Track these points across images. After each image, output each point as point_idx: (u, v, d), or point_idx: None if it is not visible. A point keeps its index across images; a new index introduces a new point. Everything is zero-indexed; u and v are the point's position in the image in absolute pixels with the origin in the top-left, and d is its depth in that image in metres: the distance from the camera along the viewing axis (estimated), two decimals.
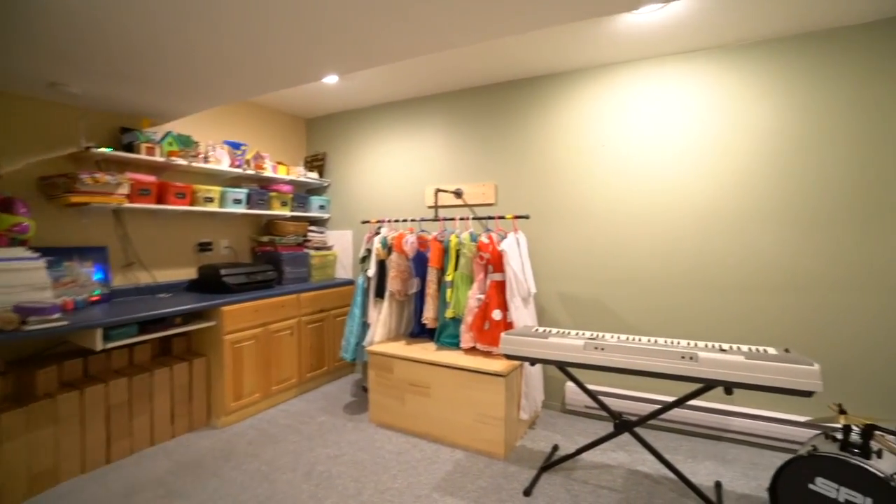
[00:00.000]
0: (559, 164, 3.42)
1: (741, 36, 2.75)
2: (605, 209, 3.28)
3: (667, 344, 2.19)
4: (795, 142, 2.76)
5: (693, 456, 2.78)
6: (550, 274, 3.48)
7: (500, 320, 2.99)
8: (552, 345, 2.24)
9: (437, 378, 2.97)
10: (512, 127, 3.59)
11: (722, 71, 2.92)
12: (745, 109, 2.87)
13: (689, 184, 3.03)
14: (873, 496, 1.74)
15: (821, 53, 2.69)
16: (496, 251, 3.03)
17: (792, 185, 2.78)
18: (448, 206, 3.86)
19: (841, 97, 2.66)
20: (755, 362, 1.88)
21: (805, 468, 1.90)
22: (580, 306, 3.39)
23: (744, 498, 2.36)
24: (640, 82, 3.14)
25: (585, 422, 3.28)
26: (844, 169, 2.66)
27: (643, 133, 3.14)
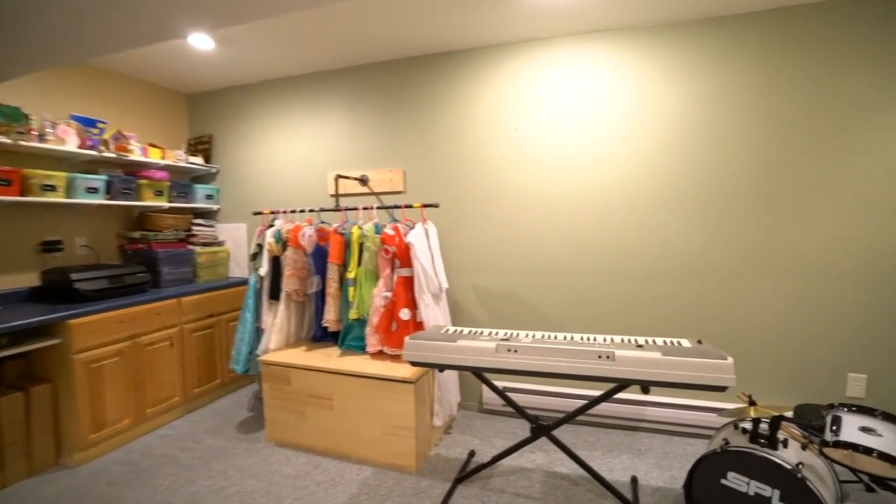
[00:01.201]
0: (472, 148, 3.18)
1: (648, 17, 2.66)
2: (520, 196, 3.10)
3: (584, 342, 2.04)
4: (701, 129, 2.74)
5: (610, 450, 2.71)
6: (464, 266, 3.25)
7: (409, 320, 2.71)
8: (462, 348, 1.99)
9: (341, 388, 2.63)
10: (421, 108, 3.28)
11: (632, 53, 2.82)
12: (654, 94, 2.80)
13: (602, 170, 2.93)
14: (780, 488, 1.70)
15: (724, 39, 2.67)
16: (403, 244, 2.74)
17: (698, 173, 2.77)
18: (353, 194, 3.49)
19: (744, 84, 2.66)
20: (671, 359, 1.77)
21: (717, 464, 1.84)
22: (496, 299, 3.20)
23: (658, 491, 2.31)
24: (554, 62, 2.97)
25: (504, 421, 3.12)
26: (748, 157, 2.68)
27: (558, 116, 2.98)
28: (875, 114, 2.48)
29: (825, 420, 1.86)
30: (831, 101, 2.54)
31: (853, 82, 2.50)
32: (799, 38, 2.56)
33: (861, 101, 2.50)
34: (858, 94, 2.50)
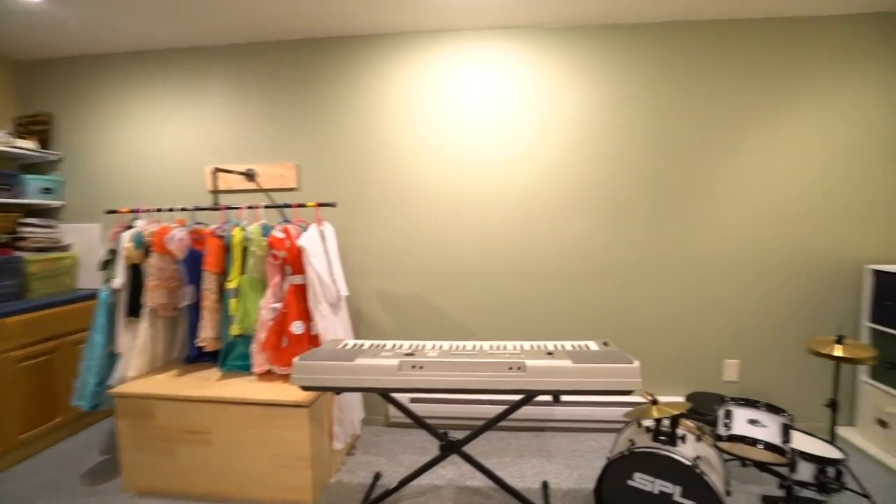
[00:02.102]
0: (374, 143, 2.93)
1: (554, 17, 2.63)
2: (426, 194, 2.93)
3: (493, 351, 1.92)
4: (602, 133, 2.80)
5: (521, 455, 2.66)
6: (366, 270, 3.00)
7: (303, 334, 2.40)
8: (360, 368, 1.75)
9: (222, 418, 2.24)
10: (318, 96, 2.95)
11: (539, 54, 2.79)
12: (559, 97, 2.80)
13: (511, 169, 2.86)
14: (682, 484, 1.73)
15: (622, 47, 2.74)
16: (294, 248, 2.41)
17: (600, 176, 2.82)
18: (237, 191, 3.05)
19: (640, 92, 2.76)
20: (582, 367, 1.71)
21: (624, 466, 1.83)
22: (402, 305, 3.00)
23: (568, 494, 2.28)
24: (464, 56, 2.83)
25: (412, 434, 2.93)
26: (643, 162, 2.79)
27: (466, 112, 2.86)
28: (748, 126, 2.71)
29: (718, 414, 1.94)
30: (712, 113, 2.73)
31: (730, 97, 2.71)
32: (686, 51, 2.71)
33: (736, 115, 2.71)
34: (735, 109, 2.71)
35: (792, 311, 2.80)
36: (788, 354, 2.82)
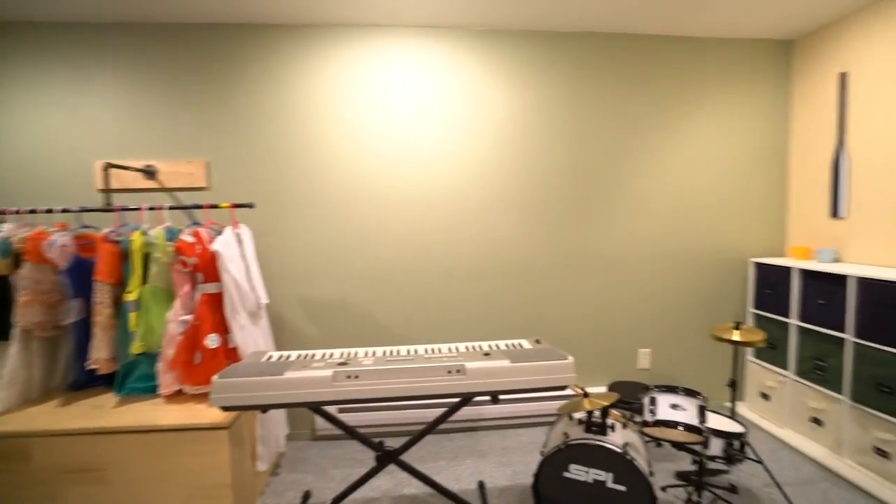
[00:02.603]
0: (296, 140, 2.75)
1: (482, 20, 2.66)
2: (352, 194, 2.80)
3: (429, 354, 1.87)
4: (526, 134, 2.88)
5: (455, 457, 2.64)
6: (288, 275, 2.80)
7: (219, 347, 2.17)
8: (291, 382, 1.62)
9: (120, 451, 1.95)
10: (233, 87, 2.70)
11: (468, 54, 2.80)
12: (487, 97, 2.84)
13: (438, 169, 2.84)
14: (614, 470, 1.82)
15: (547, 53, 2.84)
16: (207, 253, 2.18)
17: (525, 176, 2.90)
18: (134, 190, 2.69)
19: (561, 97, 2.88)
20: (520, 366, 1.73)
21: (559, 459, 1.89)
22: (328, 311, 2.85)
23: (504, 491, 2.31)
24: (393, 52, 2.75)
25: (342, 446, 2.80)
26: (564, 163, 2.92)
27: (393, 111, 2.78)
28: (653, 135, 2.95)
29: (643, 402, 2.08)
30: (623, 121, 2.93)
31: (638, 107, 2.93)
32: (601, 62, 2.88)
33: (643, 124, 2.94)
34: (642, 118, 2.93)
35: (693, 302, 3.10)
36: (691, 340, 3.12)
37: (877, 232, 2.53)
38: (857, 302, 2.33)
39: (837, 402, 2.45)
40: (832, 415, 2.49)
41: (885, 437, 2.21)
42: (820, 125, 2.85)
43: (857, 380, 2.33)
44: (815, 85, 2.87)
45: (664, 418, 1.98)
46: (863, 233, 2.61)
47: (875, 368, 2.24)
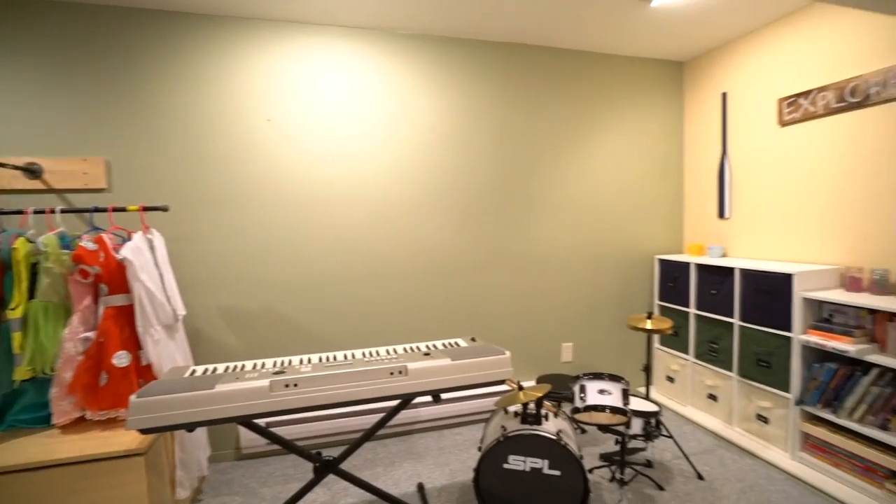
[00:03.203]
0: (213, 138, 2.56)
1: (408, 24, 2.68)
2: (275, 198, 2.67)
3: (368, 358, 1.85)
4: (451, 138, 2.95)
5: (391, 462, 2.61)
6: (204, 284, 2.60)
7: (129, 366, 1.96)
8: (224, 395, 1.50)
9: (6, 497, 1.67)
10: (136, 78, 2.44)
11: (397, 57, 2.80)
12: (414, 100, 2.86)
13: (365, 170, 2.81)
14: (549, 457, 1.92)
15: (471, 60, 2.94)
16: (113, 261, 1.96)
17: (450, 178, 2.97)
18: (13, 191, 2.33)
19: (484, 103, 2.99)
20: (461, 363, 1.77)
21: (498, 451, 1.95)
22: (251, 320, 2.68)
23: (444, 490, 2.33)
24: (318, 52, 2.67)
25: (271, 462, 2.64)
26: (487, 166, 3.03)
27: (320, 112, 2.70)
28: (569, 142, 3.17)
29: (574, 390, 2.22)
30: (542, 129, 3.11)
31: (556, 115, 3.13)
32: (522, 71, 3.04)
33: (561, 132, 3.15)
34: (559, 126, 3.14)
35: (607, 297, 3.37)
36: (607, 332, 3.38)
37: (753, 230, 2.95)
38: (741, 290, 2.69)
39: (728, 378, 2.80)
40: (724, 390, 2.84)
41: (764, 405, 2.57)
42: (707, 137, 3.26)
43: (743, 358, 2.69)
44: (703, 102, 3.28)
45: (593, 403, 2.13)
46: (743, 231, 3.03)
47: (755, 346, 2.60)
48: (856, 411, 2.15)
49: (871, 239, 2.34)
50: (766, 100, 2.82)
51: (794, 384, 2.39)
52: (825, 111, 2.49)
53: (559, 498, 1.91)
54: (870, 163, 2.32)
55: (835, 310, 2.34)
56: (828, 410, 2.27)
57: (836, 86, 2.44)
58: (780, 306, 2.46)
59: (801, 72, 2.61)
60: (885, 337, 2.12)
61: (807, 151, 2.61)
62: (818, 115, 2.53)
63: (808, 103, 2.57)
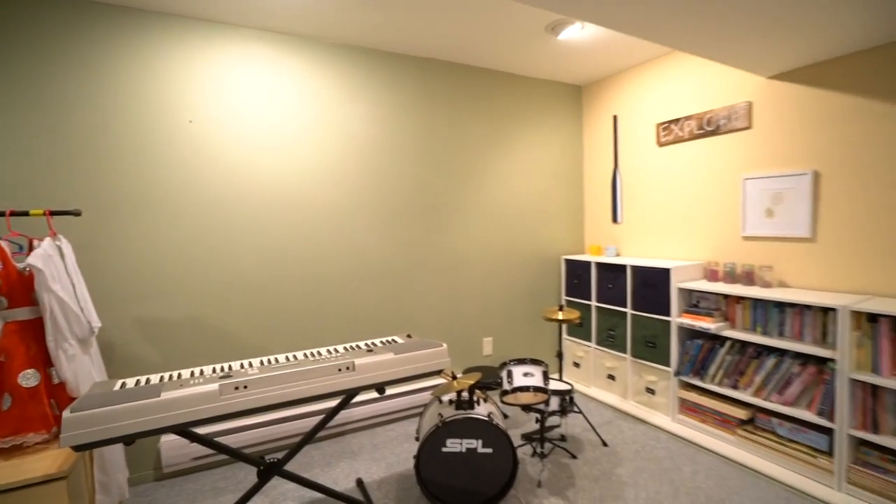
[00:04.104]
0: (128, 137, 2.40)
1: (336, 35, 2.76)
2: (198, 201, 2.58)
3: (311, 358, 1.91)
4: (382, 144, 3.07)
5: (327, 463, 2.65)
6: (118, 295, 2.42)
7: (38, 385, 1.80)
8: (173, 402, 1.48)
9: None
10: (37, 68, 2.21)
11: (326, 65, 2.85)
12: (343, 108, 2.93)
13: (292, 176, 2.82)
14: (482, 437, 2.13)
15: (399, 72, 3.08)
16: (13, 271, 1.79)
17: (379, 183, 3.09)
18: None
19: (408, 113, 3.15)
20: (404, 356, 1.91)
21: (437, 437, 2.11)
22: (174, 332, 2.55)
23: (383, 483, 2.43)
24: (248, 53, 2.62)
25: (198, 479, 2.53)
26: (412, 173, 3.20)
27: (245, 115, 2.65)
28: (487, 152, 3.46)
29: (501, 375, 2.46)
30: (463, 140, 3.36)
31: (476, 128, 3.40)
32: (444, 86, 3.26)
33: (479, 143, 3.43)
34: (478, 138, 3.42)
35: (521, 293, 3.71)
36: (522, 326, 3.73)
37: (640, 232, 3.48)
38: (632, 284, 3.17)
39: (623, 360, 3.27)
40: (620, 370, 3.31)
41: (651, 379, 3.06)
42: (602, 152, 3.76)
43: (635, 341, 3.17)
44: (598, 121, 3.78)
45: (520, 385, 2.39)
46: (632, 233, 3.55)
47: (644, 330, 3.09)
48: (716, 376, 2.68)
49: (722, 239, 2.93)
50: (647, 124, 3.36)
51: (673, 359, 2.89)
52: (690, 136, 3.06)
53: (493, 473, 2.13)
54: (720, 178, 2.91)
55: (700, 297, 2.88)
56: (697, 378, 2.78)
57: (697, 116, 3.01)
58: (661, 296, 2.95)
59: (673, 103, 3.17)
60: (735, 316, 2.67)
61: (677, 168, 3.17)
62: (685, 139, 3.09)
63: (678, 129, 3.13)
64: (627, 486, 2.33)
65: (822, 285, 2.48)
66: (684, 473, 2.43)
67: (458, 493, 2.14)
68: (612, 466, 2.51)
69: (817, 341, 2.29)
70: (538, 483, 2.37)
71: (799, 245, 2.56)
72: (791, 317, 2.39)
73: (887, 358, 2.02)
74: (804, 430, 2.32)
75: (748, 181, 2.75)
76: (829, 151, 2.42)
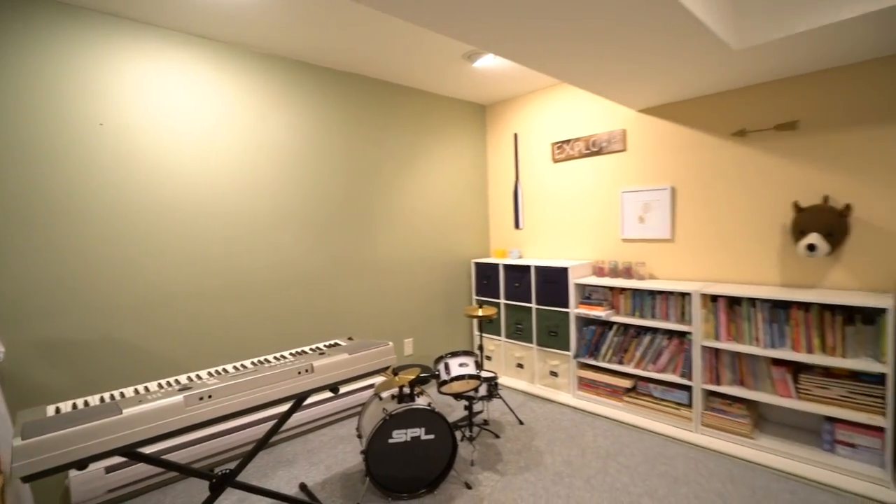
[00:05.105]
0: (28, 140, 2.15)
1: (264, 44, 2.76)
2: (111, 210, 2.39)
3: (260, 366, 1.96)
4: (307, 154, 3.12)
5: (264, 474, 2.63)
6: (16, 316, 2.16)
7: None
8: (137, 418, 1.45)
9: None
10: None
11: (253, 74, 2.82)
12: (270, 116, 2.93)
13: (219, 185, 2.75)
14: (425, 425, 2.34)
15: (324, 84, 3.16)
16: None
17: (306, 192, 3.13)
18: None
19: (334, 125, 3.24)
20: (357, 355, 2.05)
21: (383, 430, 2.28)
22: (85, 353, 2.33)
23: (327, 483, 2.51)
24: (169, 58, 2.48)
25: None
26: (337, 184, 3.29)
27: (167, 120, 2.52)
28: (404, 163, 3.69)
29: (438, 368, 2.69)
30: (383, 152, 3.55)
31: (395, 141, 3.61)
32: (366, 101, 3.41)
33: (398, 155, 3.64)
34: (397, 150, 3.63)
35: (437, 295, 4.00)
36: (439, 325, 4.01)
37: (539, 237, 3.99)
38: (536, 282, 3.64)
39: (530, 349, 3.72)
40: (528, 359, 3.76)
41: (554, 363, 3.55)
42: (505, 166, 4.22)
43: (539, 332, 3.64)
44: (501, 138, 4.23)
45: (457, 374, 2.65)
46: (533, 238, 4.05)
47: (547, 322, 3.57)
48: (606, 355, 3.24)
49: (606, 241, 3.53)
50: (543, 142, 3.88)
51: (572, 344, 3.40)
52: (579, 155, 3.63)
53: (435, 457, 2.36)
54: (603, 190, 3.51)
55: (592, 290, 3.43)
56: (591, 358, 3.32)
57: (584, 138, 3.59)
58: (561, 291, 3.45)
59: (565, 126, 3.72)
60: (619, 304, 3.26)
61: (569, 181, 3.73)
62: (575, 157, 3.66)
63: (569, 148, 3.69)
64: (545, 454, 2.72)
65: (681, 276, 3.17)
66: (587, 437, 2.90)
67: (406, 480, 2.32)
68: (530, 440, 2.89)
69: (679, 319, 2.93)
70: (472, 462, 2.65)
71: (663, 245, 3.23)
72: (660, 302, 3.01)
73: (724, 328, 2.70)
74: (672, 389, 2.95)
75: (625, 193, 3.38)
76: (682, 171, 3.11)
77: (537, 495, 2.33)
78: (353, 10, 2.40)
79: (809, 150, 2.61)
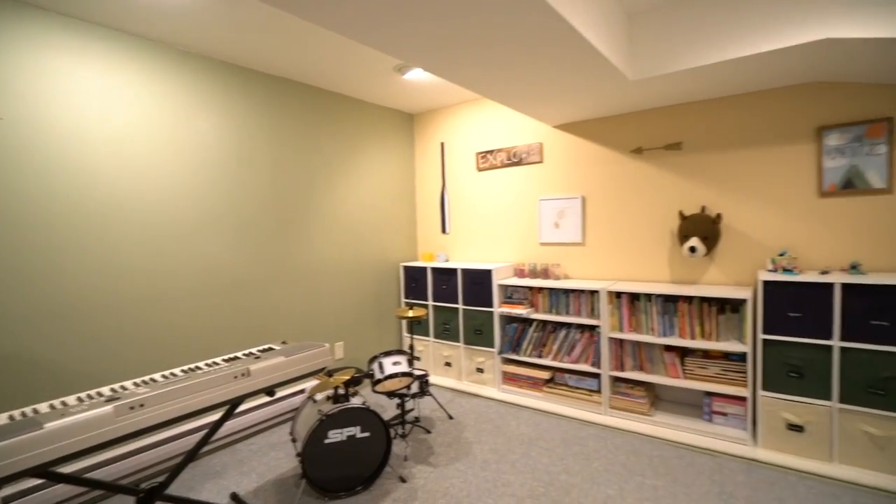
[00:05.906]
0: None
1: (190, 43, 2.66)
2: (20, 213, 2.19)
3: (192, 373, 1.93)
4: (235, 157, 3.05)
5: (191, 487, 2.53)
6: None
7: None
8: (62, 431, 1.38)
9: None
10: None
11: (176, 72, 2.70)
12: (196, 118, 2.82)
13: (142, 186, 2.60)
14: (360, 423, 2.42)
15: (252, 87, 3.09)
16: None
17: (234, 195, 3.05)
18: None
19: (262, 129, 3.19)
20: (293, 358, 2.08)
21: (319, 431, 2.32)
22: None
23: (260, 491, 2.48)
24: (73, 47, 2.30)
25: None
26: (268, 188, 3.25)
27: (85, 117, 2.35)
28: (337, 169, 3.72)
29: (373, 367, 2.76)
30: (315, 157, 3.55)
31: (328, 146, 3.62)
32: (297, 106, 3.40)
33: (330, 160, 3.66)
34: (329, 156, 3.65)
35: (366, 298, 4.06)
36: (368, 328, 4.07)
37: (465, 241, 4.21)
38: (462, 283, 3.84)
39: (457, 348, 3.92)
40: (455, 357, 3.95)
41: (480, 360, 3.78)
42: (432, 173, 4.39)
43: (466, 331, 3.84)
44: (428, 146, 4.41)
45: (391, 372, 2.74)
46: (458, 242, 4.26)
47: (473, 321, 3.79)
48: (527, 350, 3.52)
49: (526, 244, 3.83)
50: (468, 152, 4.12)
51: (496, 342, 3.64)
52: (501, 164, 3.90)
53: (370, 454, 2.44)
54: (523, 198, 3.81)
55: (513, 290, 3.71)
56: (514, 354, 3.58)
57: (506, 150, 3.87)
58: (485, 292, 3.68)
59: (488, 137, 3.98)
60: (538, 302, 3.56)
61: (492, 189, 3.99)
62: (497, 167, 3.93)
63: (492, 158, 3.95)
64: (474, 444, 2.91)
65: (590, 275, 3.54)
66: (511, 427, 3.14)
67: (343, 478, 2.38)
68: (460, 433, 3.07)
69: (589, 314, 3.28)
70: (405, 458, 2.76)
71: (575, 248, 3.59)
72: (573, 299, 3.35)
73: (626, 321, 3.08)
74: (584, 378, 3.29)
75: (542, 201, 3.70)
76: (591, 182, 3.49)
77: (467, 482, 2.50)
78: (272, 12, 2.42)
79: (690, 166, 3.09)
